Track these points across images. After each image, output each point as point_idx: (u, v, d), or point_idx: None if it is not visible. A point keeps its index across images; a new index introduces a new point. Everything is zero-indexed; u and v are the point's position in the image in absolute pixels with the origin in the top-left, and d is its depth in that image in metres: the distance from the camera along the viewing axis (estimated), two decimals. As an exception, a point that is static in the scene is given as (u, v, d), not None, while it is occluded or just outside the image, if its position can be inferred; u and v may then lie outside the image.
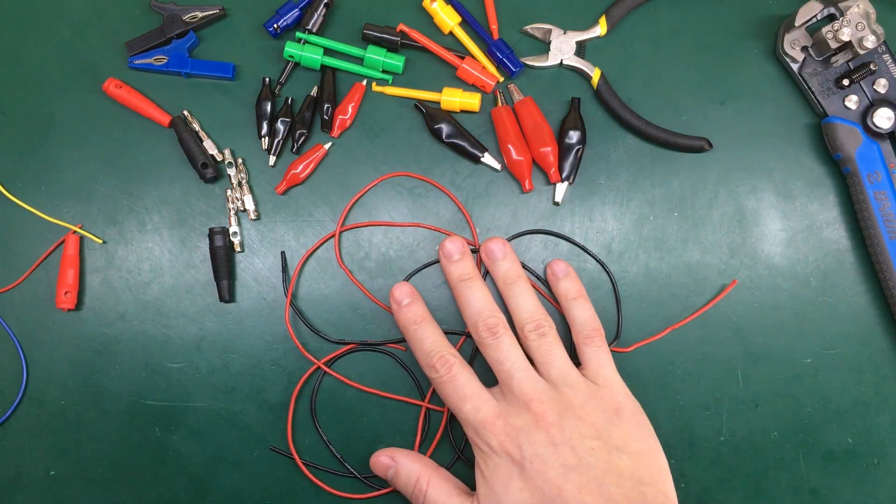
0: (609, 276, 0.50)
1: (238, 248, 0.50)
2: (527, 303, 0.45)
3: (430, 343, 0.44)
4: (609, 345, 0.48)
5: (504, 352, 0.43)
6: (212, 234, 0.49)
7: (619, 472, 0.39)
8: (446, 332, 0.49)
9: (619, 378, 0.44)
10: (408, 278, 0.50)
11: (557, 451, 0.39)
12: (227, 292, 0.49)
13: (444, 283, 0.50)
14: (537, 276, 0.50)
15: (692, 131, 0.51)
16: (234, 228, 0.50)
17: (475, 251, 0.50)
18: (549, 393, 0.41)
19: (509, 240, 0.50)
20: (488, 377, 0.44)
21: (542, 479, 0.39)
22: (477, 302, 0.45)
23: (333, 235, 0.50)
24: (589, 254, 0.50)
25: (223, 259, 0.49)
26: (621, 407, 0.42)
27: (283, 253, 0.50)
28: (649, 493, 0.39)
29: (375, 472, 0.46)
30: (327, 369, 0.49)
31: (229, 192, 0.50)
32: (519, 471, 0.39)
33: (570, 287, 0.47)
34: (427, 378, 0.45)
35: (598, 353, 0.44)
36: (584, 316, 0.46)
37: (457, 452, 0.48)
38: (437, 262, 0.50)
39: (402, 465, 0.44)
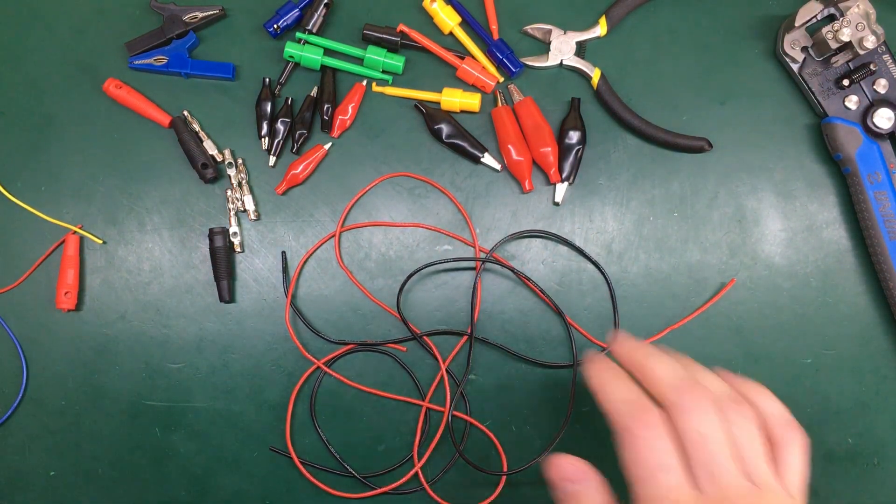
0: (605, 277, 0.50)
1: (238, 249, 0.50)
2: (717, 380, 0.37)
3: (630, 392, 0.36)
4: (609, 345, 0.48)
5: (710, 423, 0.34)
6: (212, 234, 0.49)
7: None
8: (446, 333, 0.49)
9: (804, 489, 0.37)
10: (407, 279, 0.49)
11: None
12: (227, 292, 0.49)
13: (443, 282, 0.50)
14: (534, 283, 0.50)
15: (692, 131, 0.51)
16: (234, 229, 0.50)
17: (484, 260, 0.50)
18: (754, 495, 0.34)
19: (508, 240, 0.50)
20: None
21: None
22: (669, 364, 0.37)
23: (333, 235, 0.50)
24: (585, 256, 0.50)
25: (223, 259, 0.49)
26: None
27: (283, 253, 0.50)
28: None
29: (548, 474, 0.38)
30: (327, 369, 0.49)
31: (229, 192, 0.50)
32: None
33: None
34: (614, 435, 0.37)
35: (795, 458, 0.36)
36: (777, 408, 0.38)
37: (457, 451, 0.48)
38: (437, 262, 0.50)
39: (591, 493, 0.37)
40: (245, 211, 0.50)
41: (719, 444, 0.34)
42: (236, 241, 0.50)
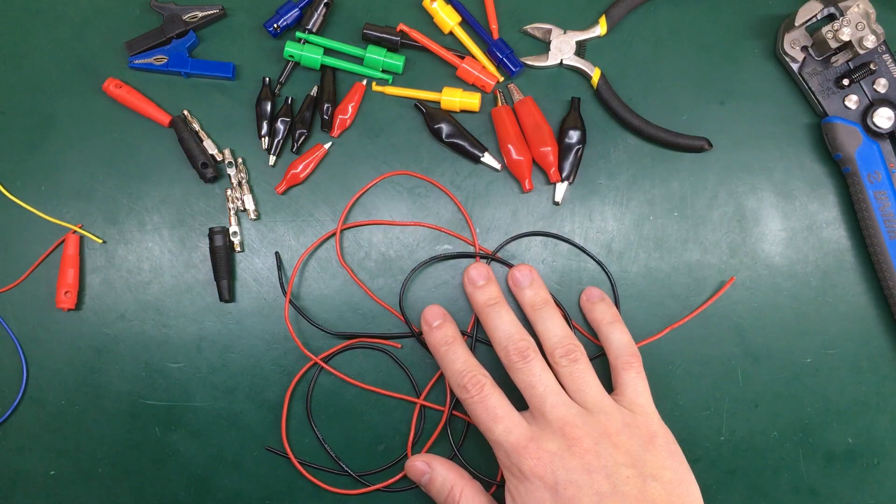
0: (609, 277, 0.50)
1: (238, 248, 0.50)
2: (556, 328, 0.45)
3: (462, 363, 0.43)
4: None
5: (536, 375, 0.42)
6: (212, 233, 0.49)
7: (652, 502, 0.39)
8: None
9: (654, 407, 0.44)
10: (409, 277, 0.49)
11: (592, 477, 0.38)
12: (227, 292, 0.49)
13: (444, 281, 0.50)
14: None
15: (692, 131, 0.51)
16: (233, 228, 0.50)
17: (487, 257, 0.50)
18: (584, 418, 0.41)
19: (510, 241, 0.50)
20: (517, 403, 0.43)
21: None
22: (506, 326, 0.44)
23: (334, 234, 0.50)
24: (588, 254, 0.50)
25: (223, 259, 0.49)
26: (655, 435, 0.41)
27: (277, 253, 0.50)
28: None
29: (409, 476, 0.46)
30: (324, 364, 0.49)
31: (229, 191, 0.50)
32: (552, 496, 0.38)
33: (605, 311, 0.47)
34: (457, 397, 0.44)
35: (636, 381, 0.44)
36: (621, 341, 0.46)
37: (455, 451, 0.48)
38: (437, 258, 0.50)
39: (438, 472, 0.44)
40: (245, 210, 0.50)
41: (546, 385, 0.41)
42: (236, 240, 0.50)
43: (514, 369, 0.43)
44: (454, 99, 0.50)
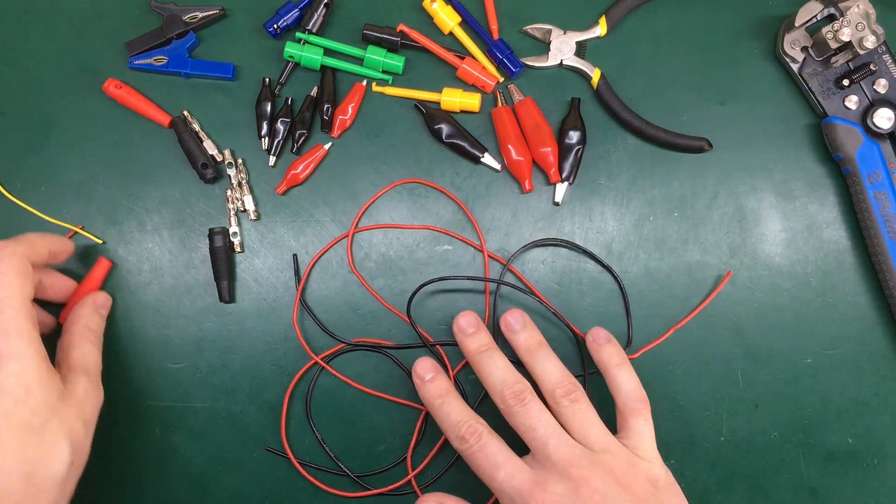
0: (619, 283, 0.50)
1: (238, 249, 0.50)
2: (554, 368, 0.43)
3: (457, 414, 0.42)
4: None
5: (535, 417, 0.41)
6: (212, 234, 0.49)
7: None
8: (449, 344, 0.49)
9: (658, 453, 0.43)
10: (413, 295, 0.49)
11: None
12: (227, 293, 0.49)
13: (446, 283, 0.50)
14: (534, 293, 0.50)
15: (692, 131, 0.51)
16: (233, 229, 0.50)
17: (496, 281, 0.50)
18: (590, 458, 0.39)
19: (519, 252, 0.50)
20: (519, 451, 0.42)
21: None
22: (500, 371, 0.43)
23: (347, 236, 0.50)
24: (596, 260, 0.50)
25: (223, 259, 0.49)
26: (659, 478, 0.41)
27: (295, 256, 0.50)
28: None
29: None
30: (325, 365, 0.49)
31: (229, 192, 0.50)
32: None
33: (613, 353, 0.45)
34: (455, 450, 0.43)
35: (643, 427, 0.43)
36: (629, 384, 0.44)
37: (455, 458, 0.48)
38: (441, 279, 0.50)
39: None
40: (245, 211, 0.50)
41: (546, 427, 0.40)
42: (236, 241, 0.50)
43: (511, 414, 0.42)
44: (454, 99, 0.50)
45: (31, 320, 0.38)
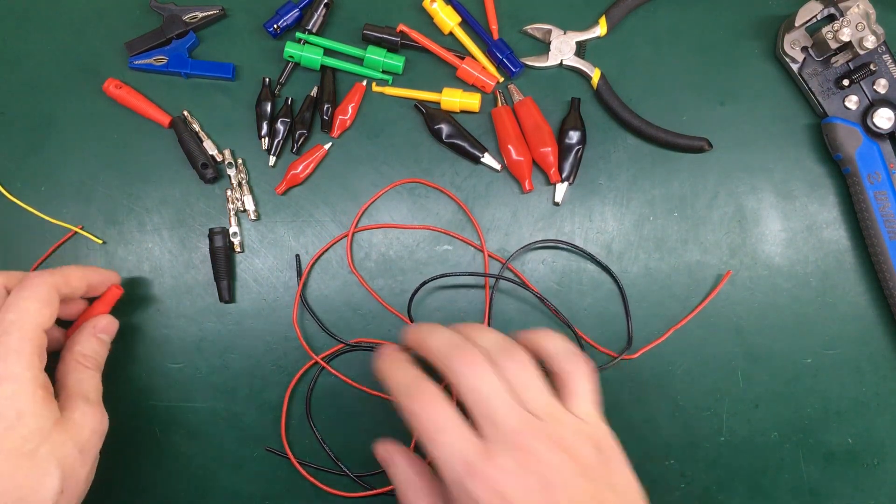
0: (618, 285, 0.50)
1: (238, 249, 0.50)
2: (490, 333, 0.40)
3: (406, 373, 0.39)
4: (620, 354, 0.48)
5: (481, 379, 0.36)
6: (212, 234, 0.49)
7: None
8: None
9: (598, 412, 0.40)
10: (415, 293, 0.49)
11: (549, 494, 0.35)
12: (227, 292, 0.49)
13: (444, 282, 0.50)
14: (550, 303, 0.50)
15: (692, 131, 0.51)
16: (233, 229, 0.50)
17: (496, 277, 0.50)
18: (537, 426, 0.36)
19: (518, 252, 0.50)
20: None
21: None
22: (444, 334, 0.39)
23: (346, 235, 0.50)
24: (595, 261, 0.50)
25: (223, 259, 0.49)
26: (606, 444, 0.38)
27: (297, 256, 0.50)
28: None
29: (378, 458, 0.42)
30: (325, 365, 0.49)
31: (229, 192, 0.50)
32: None
33: (530, 332, 0.42)
34: (401, 409, 0.38)
35: (582, 386, 0.39)
36: (558, 344, 0.41)
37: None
38: (443, 276, 0.50)
39: (397, 467, 0.40)
40: (245, 211, 0.50)
41: (493, 392, 0.36)
42: (236, 241, 0.50)
43: (454, 373, 0.37)
44: (454, 99, 0.50)
45: (36, 347, 0.38)
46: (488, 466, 0.34)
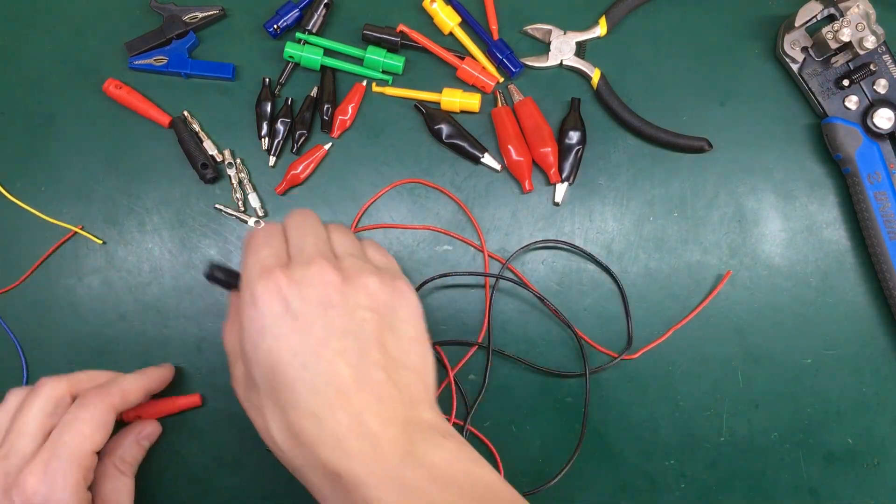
0: (618, 285, 0.50)
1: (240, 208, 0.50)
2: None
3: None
4: (620, 354, 0.49)
5: (305, 222, 0.39)
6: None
7: (385, 351, 0.35)
8: (459, 343, 0.49)
9: (397, 264, 0.41)
10: (419, 287, 0.49)
11: (327, 312, 0.35)
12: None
13: (443, 282, 0.50)
14: (550, 303, 0.50)
15: (692, 131, 0.51)
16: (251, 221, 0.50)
17: (496, 276, 0.50)
18: (337, 260, 0.37)
19: (518, 253, 0.50)
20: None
21: (298, 335, 0.34)
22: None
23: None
24: (595, 262, 0.50)
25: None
26: (404, 291, 0.38)
27: None
28: (411, 380, 0.36)
29: None
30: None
31: (235, 195, 0.50)
32: (278, 323, 0.34)
33: None
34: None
35: (371, 244, 0.41)
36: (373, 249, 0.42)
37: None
38: (443, 275, 0.50)
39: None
40: (244, 211, 0.50)
41: (311, 233, 0.38)
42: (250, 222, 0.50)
43: (287, 222, 0.39)
44: (454, 100, 0.50)
45: (84, 471, 0.39)
46: (280, 273, 0.35)
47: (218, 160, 0.51)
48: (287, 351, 0.33)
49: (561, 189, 0.50)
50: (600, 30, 0.51)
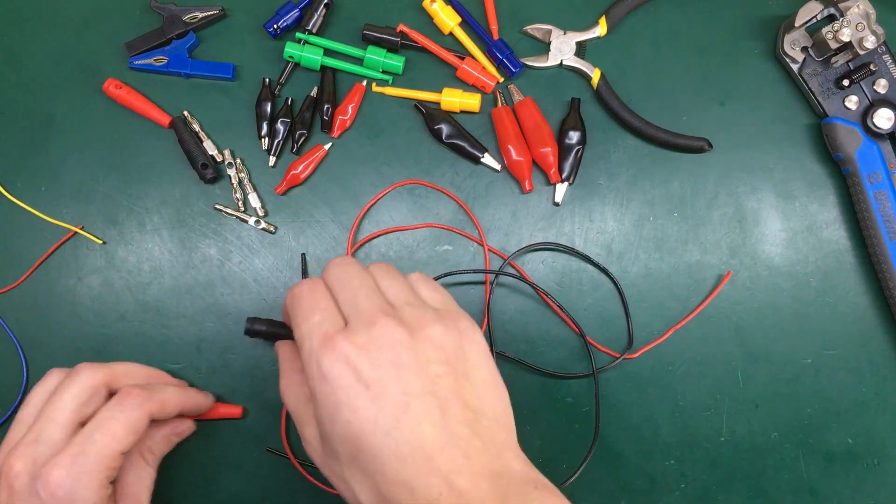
0: (616, 285, 0.50)
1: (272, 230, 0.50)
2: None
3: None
4: (622, 354, 0.48)
5: (350, 272, 0.37)
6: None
7: (464, 403, 0.34)
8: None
9: (450, 296, 0.39)
10: None
11: (400, 374, 0.33)
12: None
13: (444, 282, 0.50)
14: (553, 299, 0.50)
15: (692, 131, 0.51)
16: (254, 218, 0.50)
17: (496, 272, 0.50)
18: (397, 311, 0.36)
19: (517, 254, 0.50)
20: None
21: (376, 404, 0.33)
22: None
23: (348, 245, 0.50)
24: (594, 264, 0.50)
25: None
26: (467, 331, 0.37)
27: (303, 255, 0.50)
28: (491, 426, 0.34)
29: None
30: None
31: (235, 195, 0.50)
32: (354, 397, 0.33)
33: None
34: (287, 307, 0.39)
35: (420, 280, 0.40)
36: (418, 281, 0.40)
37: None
38: (446, 274, 0.50)
39: (282, 352, 0.41)
40: (245, 210, 0.50)
41: (360, 284, 0.37)
42: (259, 226, 0.50)
43: (327, 271, 0.38)
44: (454, 100, 0.50)
45: (109, 471, 0.39)
46: (344, 340, 0.34)
47: (218, 160, 0.51)
48: (367, 421, 0.32)
49: (561, 189, 0.50)
50: (600, 30, 0.51)
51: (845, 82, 0.49)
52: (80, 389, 0.41)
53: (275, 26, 0.51)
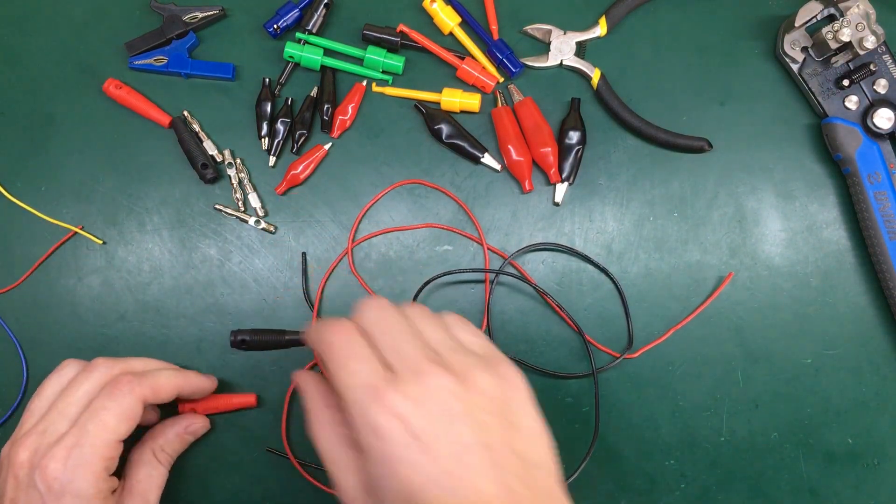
0: (616, 286, 0.50)
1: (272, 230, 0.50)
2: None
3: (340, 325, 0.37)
4: (622, 354, 0.49)
5: (387, 316, 0.36)
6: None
7: (517, 454, 0.33)
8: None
9: (487, 338, 0.38)
10: (419, 291, 0.49)
11: (453, 426, 0.33)
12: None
13: (443, 282, 0.50)
14: (553, 299, 0.50)
15: (692, 131, 0.51)
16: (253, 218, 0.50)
17: (496, 272, 0.50)
18: (442, 358, 0.35)
19: (516, 254, 0.50)
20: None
21: (430, 458, 0.32)
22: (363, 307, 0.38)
23: (348, 249, 0.50)
24: (593, 264, 0.50)
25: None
26: (510, 377, 0.36)
27: (304, 254, 0.50)
28: (540, 475, 0.34)
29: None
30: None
31: (235, 195, 0.50)
32: (406, 453, 0.32)
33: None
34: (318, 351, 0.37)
35: (457, 322, 0.39)
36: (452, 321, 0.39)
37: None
38: (446, 273, 0.50)
39: (309, 393, 0.38)
40: (245, 211, 0.50)
41: (400, 330, 0.36)
42: (259, 226, 0.50)
43: (363, 315, 0.37)
44: (454, 100, 0.50)
45: (107, 461, 0.39)
46: (392, 392, 0.33)
47: (218, 160, 0.51)
48: (423, 476, 0.32)
49: (561, 189, 0.50)
50: (600, 30, 0.51)
51: (845, 82, 0.49)
52: (94, 386, 0.41)
53: (275, 26, 0.51)
